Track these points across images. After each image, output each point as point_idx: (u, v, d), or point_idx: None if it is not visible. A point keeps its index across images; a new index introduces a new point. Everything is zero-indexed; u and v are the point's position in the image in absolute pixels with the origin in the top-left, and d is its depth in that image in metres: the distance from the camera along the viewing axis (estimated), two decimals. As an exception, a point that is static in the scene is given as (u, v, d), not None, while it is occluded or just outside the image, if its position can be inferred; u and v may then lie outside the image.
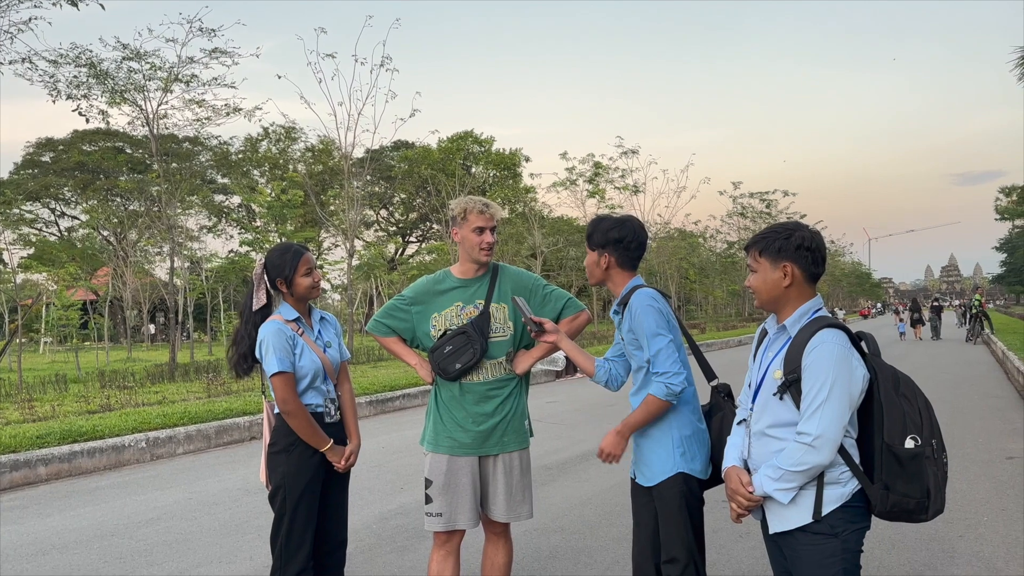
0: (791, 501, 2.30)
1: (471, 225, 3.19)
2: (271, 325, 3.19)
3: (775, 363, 2.40)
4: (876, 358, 2.35)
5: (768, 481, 2.33)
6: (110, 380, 13.88)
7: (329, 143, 37.86)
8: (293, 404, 3.13)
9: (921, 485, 2.24)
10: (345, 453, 3.30)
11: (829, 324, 2.32)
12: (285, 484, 3.16)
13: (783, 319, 2.44)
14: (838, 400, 2.22)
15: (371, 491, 6.43)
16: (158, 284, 35.42)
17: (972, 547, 4.71)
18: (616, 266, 2.96)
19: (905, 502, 2.25)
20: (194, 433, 8.79)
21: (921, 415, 2.28)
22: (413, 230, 52.60)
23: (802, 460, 2.24)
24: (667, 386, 2.75)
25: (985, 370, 16.14)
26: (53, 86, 16.34)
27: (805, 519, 2.29)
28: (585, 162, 31.86)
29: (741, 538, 4.92)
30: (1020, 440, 8.09)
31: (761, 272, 2.44)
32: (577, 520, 5.49)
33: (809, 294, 2.42)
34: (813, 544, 2.29)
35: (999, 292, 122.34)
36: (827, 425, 2.21)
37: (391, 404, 11.94)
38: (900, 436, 2.24)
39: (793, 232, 2.40)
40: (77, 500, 6.53)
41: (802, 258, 2.38)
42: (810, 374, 2.25)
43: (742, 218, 51.66)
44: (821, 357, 2.24)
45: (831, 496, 2.28)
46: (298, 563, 3.16)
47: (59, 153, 44.38)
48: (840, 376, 2.23)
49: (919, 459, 2.24)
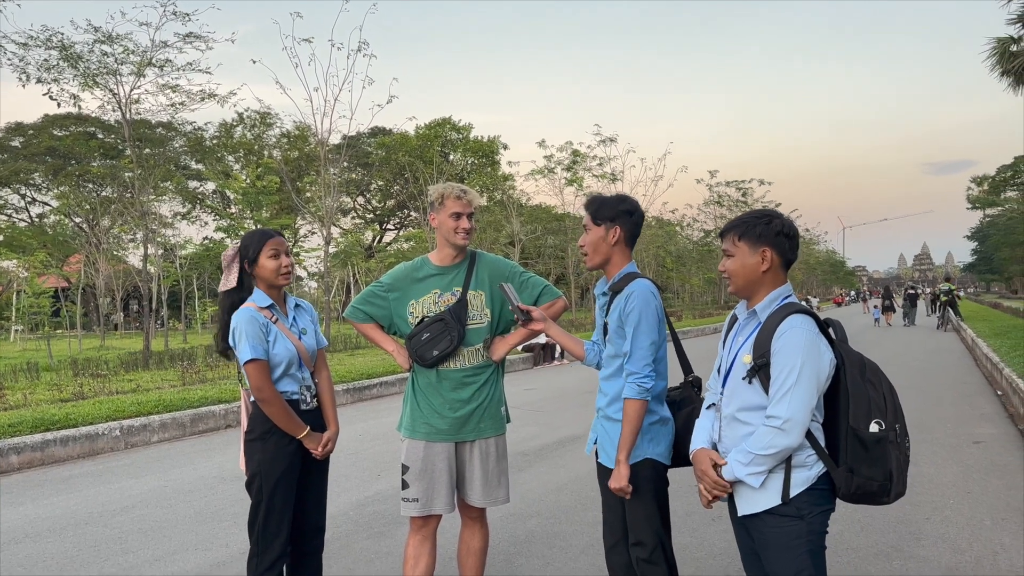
0: (761, 484, 2.35)
1: (448, 210, 3.20)
2: (244, 312, 3.16)
3: (744, 348, 2.44)
4: (843, 344, 2.41)
5: (739, 466, 2.36)
6: (83, 368, 13.73)
7: (305, 129, 37.54)
8: (268, 392, 3.12)
9: (884, 468, 2.31)
10: (322, 440, 3.29)
11: (798, 310, 2.37)
12: (261, 471, 3.16)
13: (753, 304, 2.48)
14: (807, 384, 2.27)
15: (347, 478, 6.44)
16: (131, 271, 35.01)
17: (938, 529, 4.82)
18: (623, 241, 2.96)
19: (869, 485, 2.31)
20: (169, 421, 8.73)
21: (886, 400, 2.34)
22: (391, 217, 52.35)
23: (772, 443, 2.28)
24: (638, 385, 2.77)
25: (955, 357, 16.42)
26: (23, 69, 16.06)
27: (773, 502, 2.34)
28: (563, 150, 31.85)
29: (713, 521, 5.00)
30: (987, 425, 8.26)
31: (739, 256, 2.47)
32: (553, 505, 5.54)
33: (781, 280, 2.48)
34: (779, 526, 2.34)
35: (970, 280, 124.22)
36: (796, 408, 2.26)
37: (368, 392, 11.94)
38: (865, 420, 2.30)
39: (773, 218, 2.46)
40: (50, 489, 6.48)
41: (780, 244, 2.44)
42: (779, 359, 2.30)
43: (719, 207, 51.98)
44: (790, 342, 2.29)
45: (797, 479, 2.33)
46: (276, 549, 3.16)
47: (29, 138, 43.57)
48: (809, 360, 2.28)
49: (883, 443, 2.30)
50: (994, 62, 18.06)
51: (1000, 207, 65.52)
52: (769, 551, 2.37)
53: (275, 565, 3.17)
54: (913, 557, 4.34)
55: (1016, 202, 60.95)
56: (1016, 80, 17.86)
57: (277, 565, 3.18)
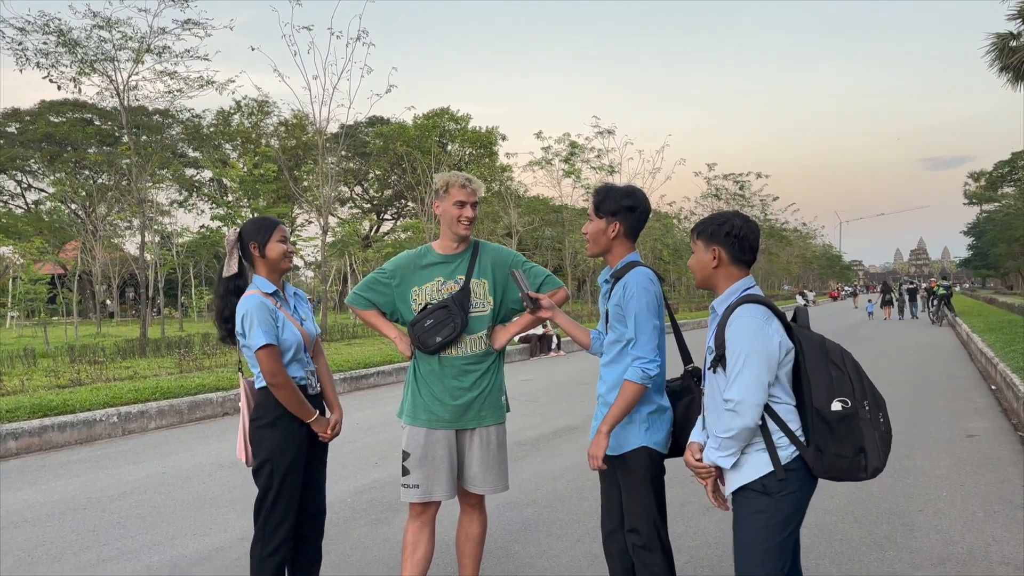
0: (732, 467, 2.48)
1: (452, 199, 3.22)
2: (252, 299, 3.17)
3: (710, 340, 2.60)
4: (804, 329, 2.53)
5: (711, 451, 2.53)
6: (80, 355, 13.74)
7: (303, 118, 37.45)
8: (281, 377, 3.13)
9: (853, 444, 2.40)
10: (331, 423, 3.35)
11: (748, 300, 2.50)
12: (272, 458, 3.16)
13: (716, 298, 2.65)
14: (754, 367, 2.39)
15: (345, 466, 6.47)
16: (128, 259, 34.95)
17: (931, 521, 4.86)
18: (623, 235, 2.99)
19: (839, 462, 2.41)
20: (166, 408, 8.75)
21: (851, 379, 2.44)
22: (388, 207, 52.28)
23: (730, 426, 2.42)
24: (643, 370, 2.80)
25: (950, 352, 16.49)
26: (21, 54, 16.00)
27: (743, 480, 2.47)
28: (561, 142, 31.83)
29: (708, 511, 5.04)
30: (981, 420, 8.32)
31: (697, 253, 2.68)
32: (550, 494, 5.58)
33: (737, 276, 2.62)
34: (746, 500, 2.48)
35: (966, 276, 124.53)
36: (745, 391, 2.38)
37: (365, 381, 11.96)
38: (827, 400, 2.40)
39: (726, 220, 2.62)
40: (49, 474, 6.50)
41: (730, 244, 2.59)
42: (729, 345, 2.45)
43: (716, 200, 52.01)
44: (737, 330, 2.44)
45: (764, 459, 2.45)
46: (281, 535, 3.19)
47: (26, 124, 43.37)
48: (756, 344, 2.40)
49: (849, 420, 2.40)
50: (993, 57, 18.07)
51: (997, 203, 65.57)
52: (734, 525, 2.53)
53: (279, 550, 3.20)
54: (905, 548, 4.38)
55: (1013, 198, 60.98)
56: (1015, 76, 17.86)
57: (281, 550, 3.20)
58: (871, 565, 4.12)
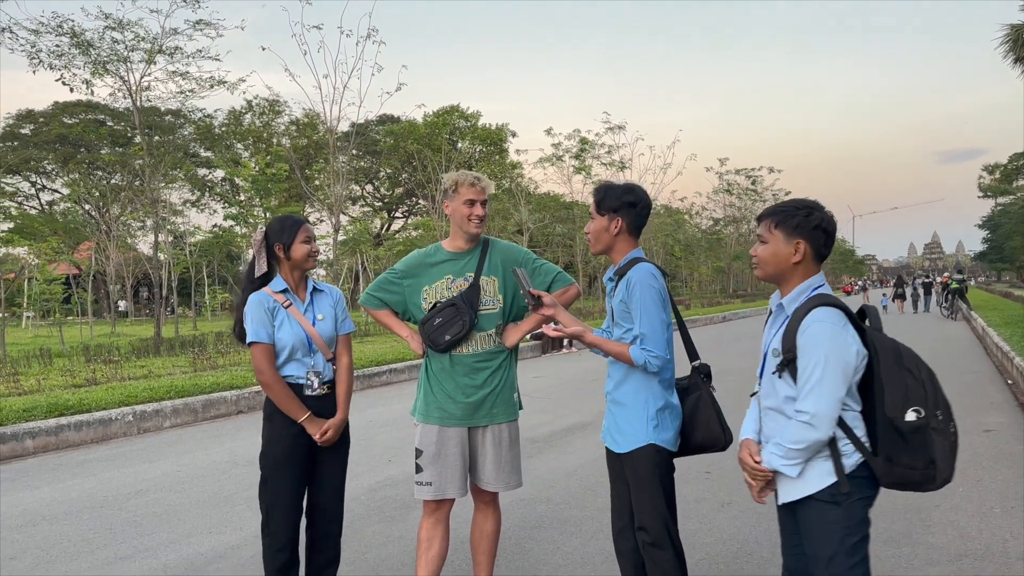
0: (799, 474, 2.37)
1: (462, 198, 3.23)
2: (254, 296, 3.25)
3: (774, 341, 2.46)
4: (878, 333, 2.37)
5: (775, 458, 2.41)
6: (95, 354, 13.84)
7: (314, 116, 37.52)
8: (267, 374, 3.20)
9: (925, 456, 2.29)
10: (323, 426, 3.27)
11: (824, 302, 2.35)
12: (266, 451, 3.27)
13: (784, 294, 2.48)
14: (832, 378, 2.27)
15: (359, 463, 6.49)
16: (141, 259, 35.16)
17: (947, 516, 4.83)
18: (625, 231, 2.98)
19: (910, 474, 2.31)
20: (181, 407, 8.81)
21: (925, 387, 2.30)
22: (399, 205, 52.36)
23: (802, 437, 2.31)
24: (647, 360, 2.81)
25: (965, 346, 16.37)
26: (35, 55, 16.11)
27: (810, 490, 2.36)
28: (571, 138, 31.79)
29: (723, 507, 5.03)
30: (997, 414, 8.26)
31: (772, 244, 2.46)
32: (563, 491, 5.58)
33: (813, 272, 2.46)
34: (816, 512, 2.36)
35: (981, 269, 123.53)
36: (822, 403, 2.27)
37: (378, 379, 12.00)
38: (901, 410, 2.28)
39: (813, 211, 2.43)
40: (65, 473, 6.56)
41: (816, 238, 2.42)
42: (804, 353, 2.30)
43: (728, 195, 51.84)
44: (814, 337, 2.29)
45: (830, 468, 2.34)
46: (284, 530, 3.22)
47: (40, 125, 43.72)
48: (833, 354, 2.27)
49: (923, 431, 2.28)
50: (1007, 49, 17.90)
51: (1012, 195, 65.00)
52: (808, 535, 2.41)
53: (285, 547, 3.23)
54: (922, 544, 4.36)
55: (1028, 191, 60.49)
56: (1030, 67, 17.69)
57: (289, 545, 3.23)
58: (888, 561, 4.10)
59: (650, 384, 2.90)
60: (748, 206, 52.78)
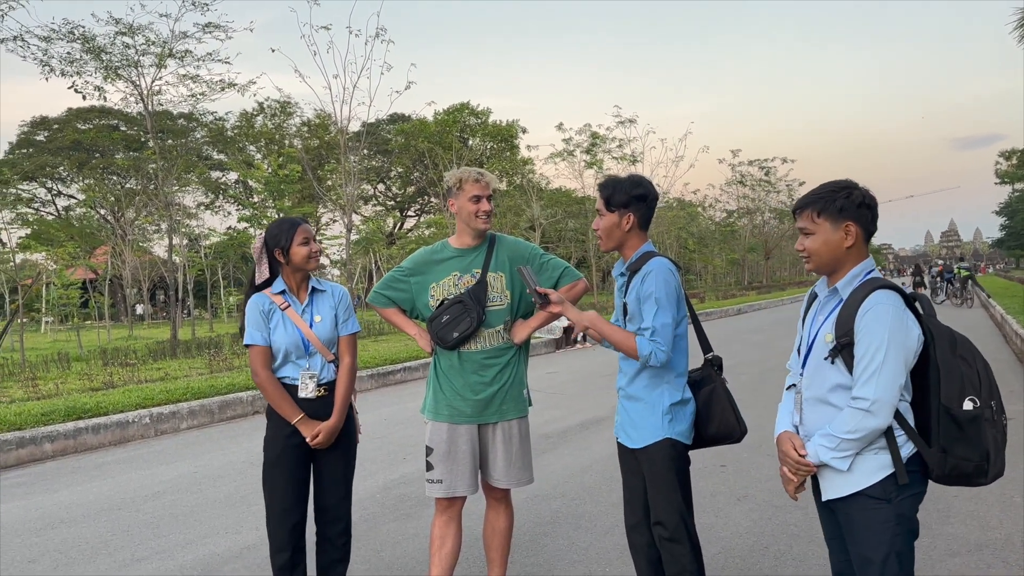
0: (848, 468, 2.27)
1: (467, 194, 3.22)
2: (252, 298, 3.28)
3: (826, 327, 2.35)
4: (932, 319, 2.29)
5: (824, 450, 2.29)
6: (112, 358, 13.95)
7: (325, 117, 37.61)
8: (261, 376, 3.24)
9: (980, 448, 2.20)
10: (314, 430, 3.22)
11: (883, 285, 2.27)
12: (264, 450, 3.33)
13: (835, 281, 2.38)
14: (894, 362, 2.18)
15: (373, 462, 6.51)
16: (157, 262, 35.42)
17: (967, 507, 4.78)
18: (637, 226, 2.95)
19: (964, 466, 2.21)
20: (197, 408, 8.85)
21: (980, 377, 2.22)
22: (411, 204, 52.45)
23: (859, 426, 2.20)
24: (654, 353, 2.77)
25: (983, 334, 16.20)
26: (46, 62, 16.23)
27: (860, 485, 2.27)
28: (582, 132, 31.68)
29: (739, 501, 5.00)
30: (1018, 402, 8.15)
31: (821, 233, 2.35)
32: (577, 486, 5.57)
33: (864, 255, 2.37)
34: (866, 509, 2.27)
35: (999, 256, 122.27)
36: (884, 389, 2.17)
37: (392, 377, 12.01)
38: (958, 398, 2.19)
39: (852, 189, 2.33)
40: (83, 475, 6.61)
41: (863, 216, 2.33)
42: (864, 337, 2.20)
43: (741, 186, 51.50)
44: (876, 319, 2.20)
45: (884, 461, 2.25)
46: (279, 527, 3.25)
47: (54, 132, 44.07)
48: (896, 337, 2.18)
49: (978, 421, 2.19)
50: (1021, 33, 17.69)
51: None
52: (855, 535, 2.31)
53: (285, 546, 3.25)
54: (942, 535, 4.31)
55: (1046, 176, 59.74)
56: (1045, 51, 17.48)
57: (288, 546, 3.25)
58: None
59: (663, 378, 2.88)
60: (761, 197, 52.47)
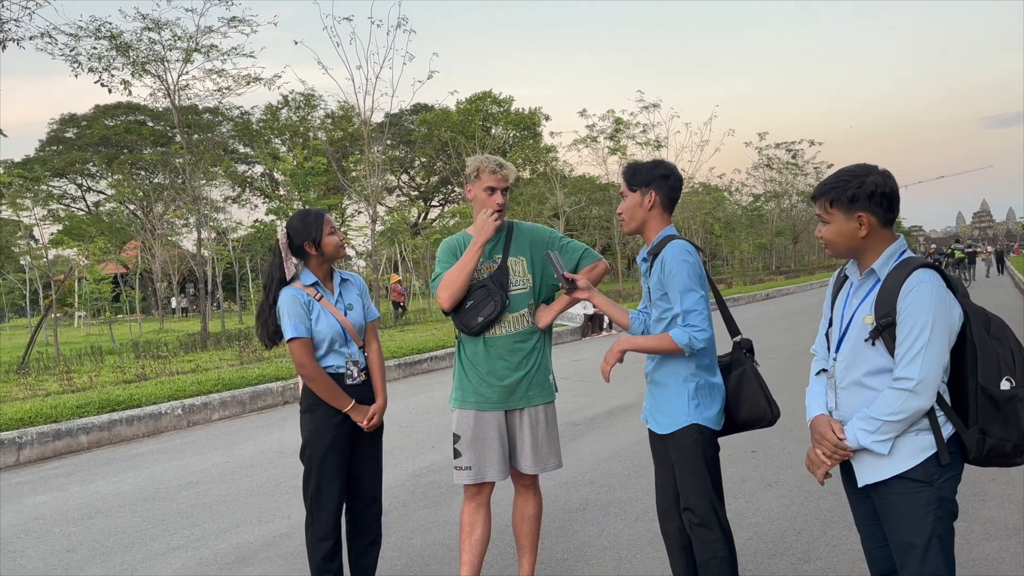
0: (889, 451, 2.23)
1: (483, 184, 3.19)
2: (285, 292, 3.27)
3: (863, 308, 2.31)
4: (966, 299, 2.26)
5: (864, 434, 2.25)
6: (144, 351, 14.17)
7: (348, 109, 37.76)
8: (310, 368, 3.22)
9: (1018, 428, 2.18)
10: (368, 412, 3.34)
11: (923, 264, 2.23)
12: (311, 442, 3.29)
13: (868, 264, 2.34)
14: (939, 342, 2.15)
15: (403, 450, 6.54)
16: (186, 256, 35.87)
17: (1003, 490, 4.70)
18: (659, 206, 2.92)
19: (1003, 446, 2.18)
20: (228, 399, 8.96)
21: (1014, 356, 2.20)
22: (435, 194, 52.56)
23: (902, 407, 2.16)
24: (691, 337, 2.74)
25: (1015, 315, 15.90)
26: (74, 59, 16.42)
27: (900, 468, 2.23)
28: (606, 119, 31.51)
29: (770, 487, 4.96)
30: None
31: (834, 224, 2.33)
32: (606, 473, 5.56)
33: (890, 238, 2.32)
34: (908, 493, 2.23)
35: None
36: (929, 368, 2.14)
37: (420, 366, 12.07)
38: (995, 378, 2.17)
39: (865, 177, 2.27)
40: (118, 466, 6.72)
41: (876, 205, 2.27)
42: (907, 316, 2.17)
43: (768, 169, 50.92)
44: (920, 298, 2.16)
45: (926, 442, 2.21)
46: (328, 518, 3.27)
47: (83, 129, 44.75)
48: (940, 317, 2.15)
49: (1015, 401, 2.17)
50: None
51: (1065, 159, 62.86)
52: (895, 520, 2.27)
53: (329, 535, 3.28)
54: (978, 519, 4.25)
55: (1082, 153, 58.43)
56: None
57: (332, 535, 3.28)
58: (941, 537, 4.00)
59: (689, 363, 2.85)
60: (789, 180, 51.84)
